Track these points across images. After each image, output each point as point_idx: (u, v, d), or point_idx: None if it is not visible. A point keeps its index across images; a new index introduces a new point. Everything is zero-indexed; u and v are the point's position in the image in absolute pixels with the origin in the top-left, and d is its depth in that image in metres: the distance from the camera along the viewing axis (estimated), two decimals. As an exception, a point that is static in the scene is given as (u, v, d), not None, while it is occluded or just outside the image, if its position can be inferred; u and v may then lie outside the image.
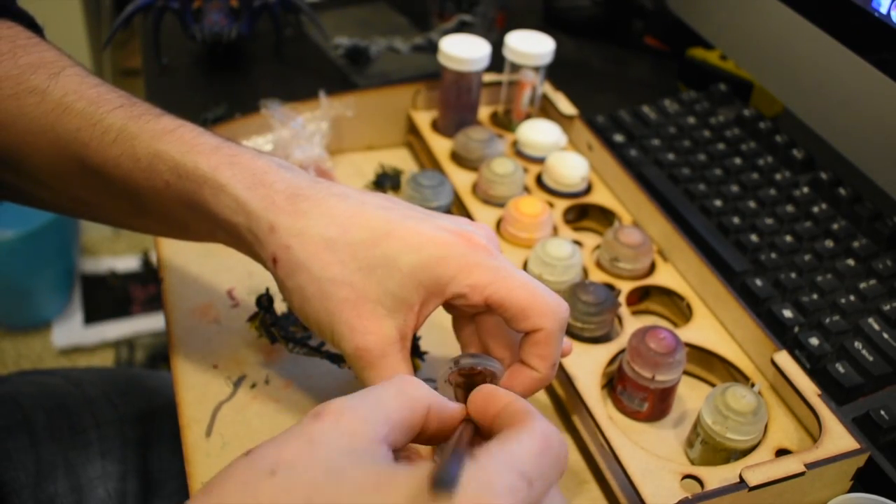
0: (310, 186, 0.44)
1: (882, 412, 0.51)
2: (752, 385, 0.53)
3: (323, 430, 0.33)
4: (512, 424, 0.35)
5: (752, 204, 0.67)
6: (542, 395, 0.56)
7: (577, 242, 0.63)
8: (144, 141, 0.44)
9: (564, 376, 0.53)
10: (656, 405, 0.53)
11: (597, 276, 0.61)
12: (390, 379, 0.38)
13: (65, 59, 0.48)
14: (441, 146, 0.72)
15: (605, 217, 0.68)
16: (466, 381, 0.43)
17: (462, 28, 0.90)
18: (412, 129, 0.76)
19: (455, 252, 0.42)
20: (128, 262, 1.83)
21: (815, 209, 0.66)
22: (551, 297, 0.42)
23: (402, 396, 0.36)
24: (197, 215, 0.45)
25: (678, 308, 0.61)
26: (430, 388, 0.38)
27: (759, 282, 0.60)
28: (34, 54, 0.47)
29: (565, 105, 0.74)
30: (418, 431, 0.37)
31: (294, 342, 0.54)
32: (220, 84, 0.87)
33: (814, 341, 0.55)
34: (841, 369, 0.54)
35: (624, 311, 0.58)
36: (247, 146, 0.46)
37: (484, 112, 0.77)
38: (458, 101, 0.72)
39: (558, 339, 0.42)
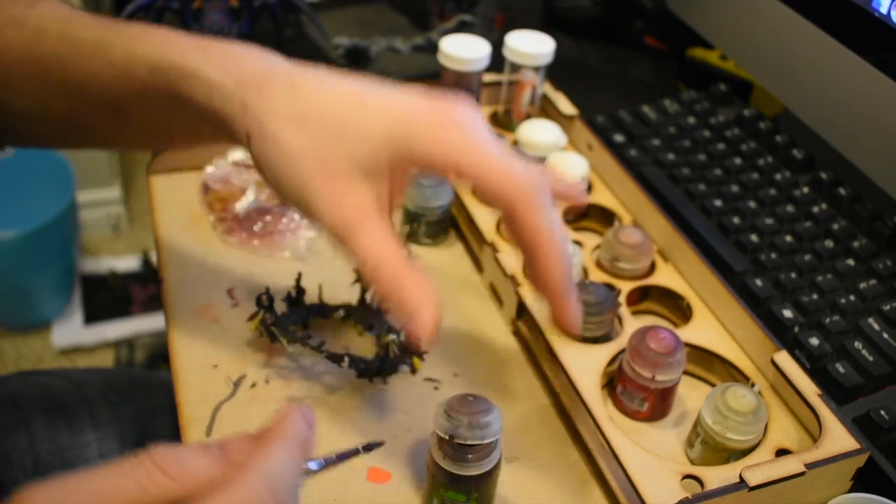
0: (282, 64, 0.44)
1: (882, 412, 0.51)
2: (752, 385, 0.53)
3: None
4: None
5: (752, 204, 0.67)
6: (542, 396, 0.56)
7: (577, 242, 0.63)
8: (119, 47, 0.45)
9: (565, 376, 0.53)
10: (656, 405, 0.53)
11: (597, 276, 0.61)
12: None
13: None
14: (441, 146, 0.72)
15: (605, 217, 0.68)
16: None
17: (462, 28, 0.90)
18: (412, 129, 0.76)
19: (426, 116, 0.41)
20: (128, 262, 1.82)
21: (815, 209, 0.66)
22: (524, 169, 0.41)
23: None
24: (176, 111, 0.45)
25: (678, 308, 0.61)
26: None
27: (759, 282, 0.60)
28: None
29: (565, 105, 0.74)
30: None
31: (294, 341, 0.54)
32: (220, 84, 0.87)
33: (814, 341, 0.55)
34: (841, 369, 0.54)
35: (624, 311, 0.58)
36: (225, 41, 0.46)
37: (484, 112, 0.77)
38: (458, 101, 0.72)
39: (537, 214, 0.41)
